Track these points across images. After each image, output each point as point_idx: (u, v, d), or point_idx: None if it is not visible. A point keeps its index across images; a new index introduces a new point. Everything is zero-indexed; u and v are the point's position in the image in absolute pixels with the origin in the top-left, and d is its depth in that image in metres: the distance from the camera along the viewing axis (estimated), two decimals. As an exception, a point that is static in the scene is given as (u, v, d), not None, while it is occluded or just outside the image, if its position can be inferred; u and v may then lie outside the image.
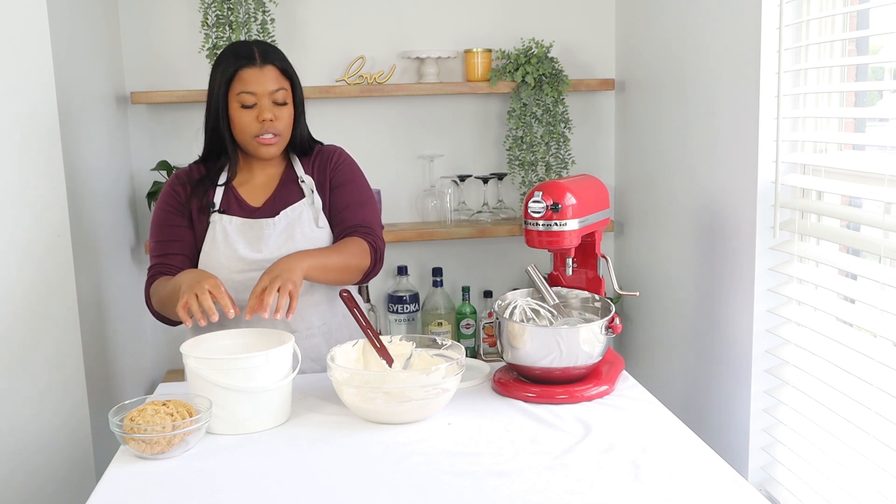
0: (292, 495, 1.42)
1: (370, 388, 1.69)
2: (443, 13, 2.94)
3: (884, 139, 1.79)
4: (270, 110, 1.92)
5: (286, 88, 1.95)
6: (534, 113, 2.85)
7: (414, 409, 1.68)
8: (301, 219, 1.99)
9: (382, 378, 1.71)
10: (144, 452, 1.55)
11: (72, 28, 2.32)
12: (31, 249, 2.20)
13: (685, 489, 1.41)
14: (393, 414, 1.67)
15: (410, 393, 1.67)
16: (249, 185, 2.03)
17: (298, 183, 2.03)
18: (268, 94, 1.92)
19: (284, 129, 1.96)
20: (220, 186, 2.01)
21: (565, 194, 1.83)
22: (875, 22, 1.95)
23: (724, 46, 2.16)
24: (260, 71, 1.92)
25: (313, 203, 2.01)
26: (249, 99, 1.92)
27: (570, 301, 1.97)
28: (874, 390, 1.70)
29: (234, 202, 2.01)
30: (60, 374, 2.25)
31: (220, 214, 1.99)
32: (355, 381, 1.70)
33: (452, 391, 1.72)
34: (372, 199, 2.08)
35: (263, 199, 2.02)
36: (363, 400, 1.68)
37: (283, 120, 1.95)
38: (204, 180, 2.01)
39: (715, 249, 2.26)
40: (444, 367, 1.71)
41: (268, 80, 1.92)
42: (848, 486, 1.78)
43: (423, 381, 1.68)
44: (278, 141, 1.96)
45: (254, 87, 1.91)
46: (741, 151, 2.09)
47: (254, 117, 1.93)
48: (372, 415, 1.69)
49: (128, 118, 2.86)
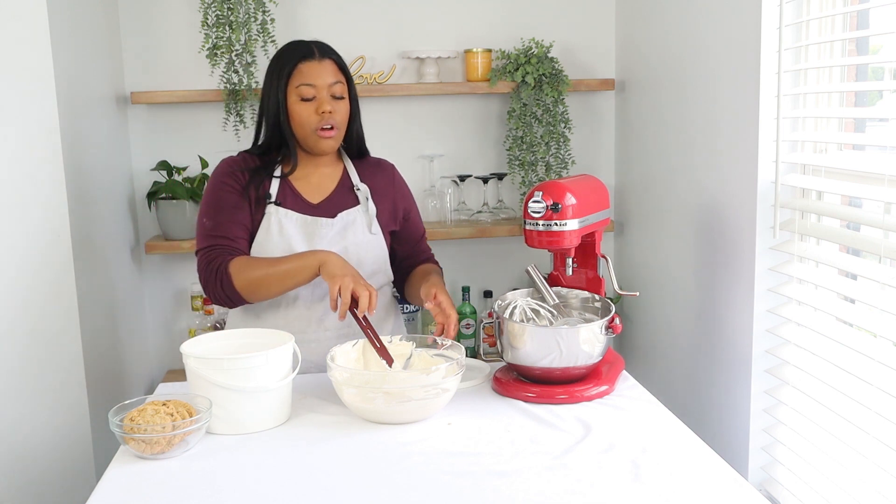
0: (292, 495, 1.42)
1: (370, 389, 1.69)
2: (443, 13, 2.94)
3: (884, 139, 1.79)
4: (329, 102, 1.96)
5: (343, 83, 1.99)
6: (534, 113, 2.85)
7: (414, 409, 1.68)
8: (355, 223, 2.03)
9: (382, 378, 1.71)
10: (144, 452, 1.55)
11: (72, 28, 2.32)
12: (31, 249, 2.20)
13: (685, 489, 1.41)
14: (393, 414, 1.67)
15: (410, 393, 1.67)
16: (306, 182, 2.05)
17: (354, 190, 2.06)
18: (326, 87, 1.96)
19: (342, 122, 1.99)
20: (276, 178, 2.02)
21: (565, 194, 1.83)
22: (875, 22, 1.95)
23: (724, 46, 2.16)
24: (319, 64, 1.96)
25: (367, 210, 2.05)
26: (309, 91, 1.95)
27: (570, 301, 1.97)
28: (874, 390, 1.70)
29: (290, 196, 2.02)
30: (60, 374, 2.25)
31: (276, 206, 2.00)
32: (355, 381, 1.70)
33: (452, 391, 1.72)
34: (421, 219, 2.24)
35: (320, 198, 2.04)
36: (363, 400, 1.68)
37: (340, 113, 1.98)
38: (260, 170, 2.02)
39: (715, 249, 2.26)
40: (444, 367, 1.71)
41: (326, 73, 1.96)
42: (848, 486, 1.78)
43: (423, 381, 1.68)
44: (336, 134, 1.99)
45: (313, 79, 1.95)
46: (741, 151, 2.09)
47: (313, 110, 1.96)
48: (372, 415, 1.69)
49: (128, 118, 2.86)
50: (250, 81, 2.72)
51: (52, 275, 2.21)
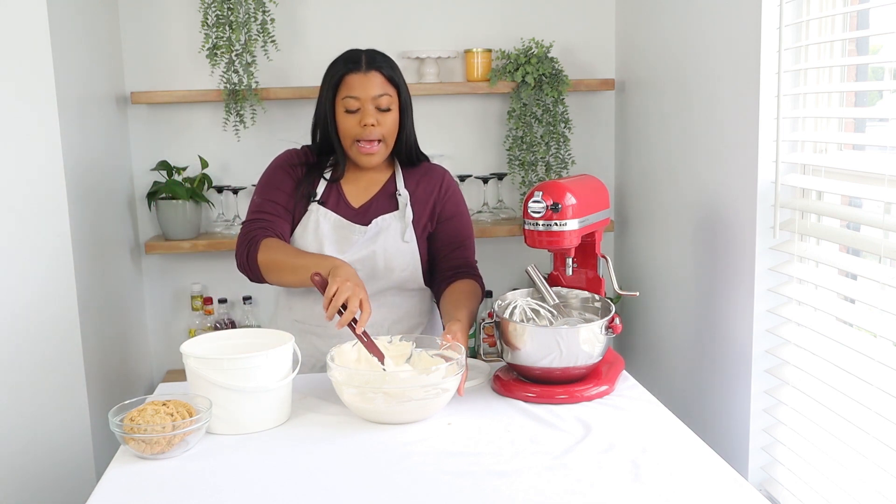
0: (292, 495, 1.42)
1: (370, 388, 1.69)
2: (443, 13, 2.94)
3: (884, 139, 1.79)
4: (373, 115, 1.97)
5: (390, 94, 1.99)
6: (534, 113, 2.85)
7: (414, 410, 1.68)
8: (389, 229, 2.03)
9: (382, 378, 1.71)
10: (144, 452, 1.54)
11: (72, 28, 2.32)
12: (31, 249, 2.20)
13: (685, 489, 1.41)
14: (393, 414, 1.67)
15: (410, 393, 1.67)
16: (353, 185, 2.08)
17: (395, 195, 2.07)
18: (371, 99, 1.96)
19: (387, 135, 2.00)
20: (325, 180, 2.06)
21: (565, 194, 1.83)
22: (875, 22, 1.95)
23: (724, 46, 2.16)
24: (364, 76, 1.97)
25: (404, 217, 2.04)
26: (353, 104, 1.97)
27: (570, 301, 1.96)
28: (874, 390, 1.70)
29: (334, 196, 2.05)
30: (60, 374, 2.25)
31: (318, 205, 2.03)
32: (355, 381, 1.70)
33: (452, 391, 1.72)
34: (472, 230, 2.17)
35: (362, 202, 2.06)
36: (363, 400, 1.68)
37: (386, 126, 1.99)
38: (314, 168, 2.06)
39: (715, 249, 2.26)
40: (444, 367, 1.71)
41: (372, 85, 1.96)
42: (848, 486, 1.78)
43: (423, 381, 1.68)
44: (380, 148, 2.00)
45: (358, 91, 1.96)
46: (741, 151, 2.09)
47: (356, 122, 1.97)
48: (372, 415, 1.69)
49: (128, 118, 2.86)
50: (250, 81, 2.72)
51: (52, 275, 2.21)
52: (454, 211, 2.12)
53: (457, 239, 2.11)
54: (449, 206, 2.11)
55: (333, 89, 1.99)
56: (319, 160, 2.08)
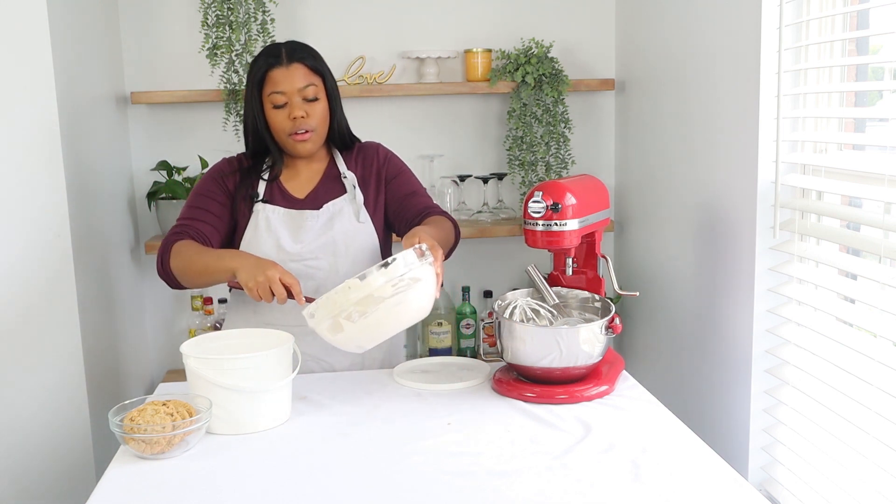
0: (292, 495, 1.42)
1: (342, 312, 1.60)
2: (443, 13, 2.94)
3: (884, 139, 1.79)
4: (301, 107, 1.96)
5: (316, 84, 1.98)
6: (534, 113, 2.85)
7: (391, 310, 1.58)
8: (342, 213, 2.03)
9: (347, 294, 1.59)
10: (144, 452, 1.55)
11: (72, 28, 2.32)
12: (31, 249, 2.20)
13: (685, 489, 1.41)
14: (374, 325, 1.59)
15: (380, 293, 1.57)
16: (294, 180, 2.07)
17: (341, 179, 2.07)
18: (297, 92, 1.96)
19: (318, 124, 2.00)
20: (264, 181, 2.05)
21: (565, 194, 1.83)
22: (875, 22, 1.95)
23: (724, 46, 2.16)
24: (287, 70, 1.96)
25: (355, 199, 2.04)
26: (280, 98, 1.96)
27: (570, 301, 1.97)
28: (874, 390, 1.70)
29: (278, 193, 2.05)
30: (60, 374, 2.25)
31: (263, 204, 2.03)
32: (327, 309, 1.60)
33: (426, 280, 1.62)
34: (421, 186, 2.13)
35: (307, 192, 2.06)
36: (338, 327, 1.61)
37: (315, 116, 1.98)
38: (251, 172, 2.06)
39: (715, 249, 2.26)
40: (401, 255, 1.60)
41: (295, 77, 1.96)
42: (848, 486, 1.78)
43: (387, 274, 1.57)
44: (312, 137, 2.00)
45: (283, 86, 1.95)
46: (741, 151, 2.09)
47: (286, 116, 1.97)
48: (354, 335, 1.61)
49: (128, 118, 2.86)
50: (250, 81, 2.72)
51: (52, 274, 2.21)
52: (396, 171, 2.11)
53: (407, 189, 2.08)
54: (390, 168, 2.10)
55: (258, 87, 1.98)
56: (255, 164, 2.07)
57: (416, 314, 1.67)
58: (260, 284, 1.75)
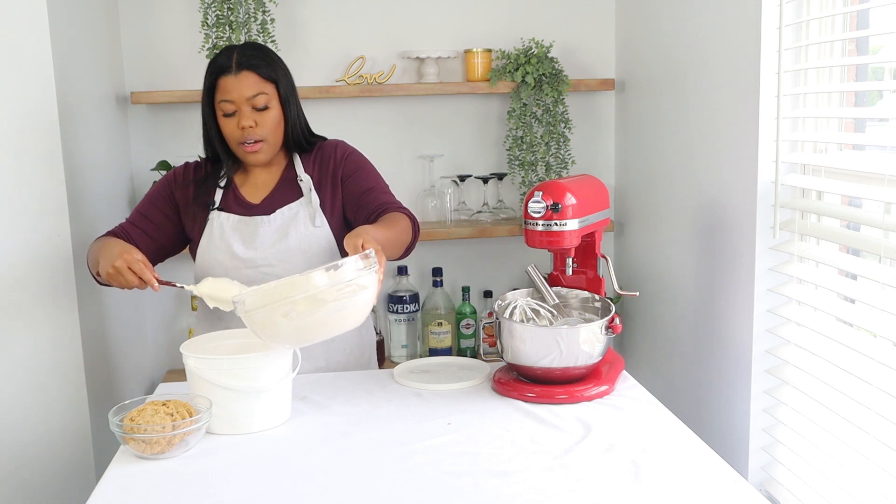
0: (292, 495, 1.42)
1: (280, 307, 1.55)
2: (443, 13, 2.94)
3: (884, 139, 1.79)
4: (250, 116, 1.93)
5: (266, 92, 1.94)
6: (534, 113, 2.85)
7: (332, 315, 1.54)
8: (297, 218, 1.99)
9: (290, 285, 1.54)
10: (144, 452, 1.55)
11: (72, 28, 2.32)
12: (31, 249, 2.20)
13: (685, 489, 1.41)
14: (310, 327, 1.55)
15: (323, 295, 1.53)
16: (249, 184, 2.05)
17: (297, 182, 2.03)
18: (246, 101, 1.92)
19: (269, 133, 1.96)
20: (221, 188, 2.03)
21: (565, 194, 1.83)
22: (875, 22, 1.95)
23: (723, 46, 2.16)
24: (235, 78, 1.92)
25: (311, 202, 2.00)
26: (229, 107, 1.93)
27: (570, 301, 1.97)
28: (874, 390, 1.70)
29: (232, 200, 2.03)
30: (60, 374, 2.25)
31: (218, 212, 2.01)
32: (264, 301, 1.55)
33: (371, 290, 1.57)
34: (382, 181, 2.05)
35: (262, 197, 2.03)
36: (272, 322, 1.56)
37: (266, 125, 1.94)
38: (207, 179, 2.04)
39: (715, 249, 2.26)
40: (351, 260, 1.55)
41: (244, 86, 1.92)
42: (848, 486, 1.78)
43: (334, 278, 1.52)
44: (263, 147, 1.96)
45: (231, 95, 1.92)
46: (741, 151, 2.09)
47: (235, 125, 1.94)
48: (288, 331, 1.56)
49: (128, 118, 2.86)
50: (250, 81, 2.72)
51: (52, 275, 2.21)
52: (354, 168, 2.03)
53: (364, 186, 2.00)
54: (348, 166, 2.03)
55: (209, 94, 1.96)
56: (214, 169, 2.05)
57: (353, 322, 1.63)
58: (112, 275, 1.77)
